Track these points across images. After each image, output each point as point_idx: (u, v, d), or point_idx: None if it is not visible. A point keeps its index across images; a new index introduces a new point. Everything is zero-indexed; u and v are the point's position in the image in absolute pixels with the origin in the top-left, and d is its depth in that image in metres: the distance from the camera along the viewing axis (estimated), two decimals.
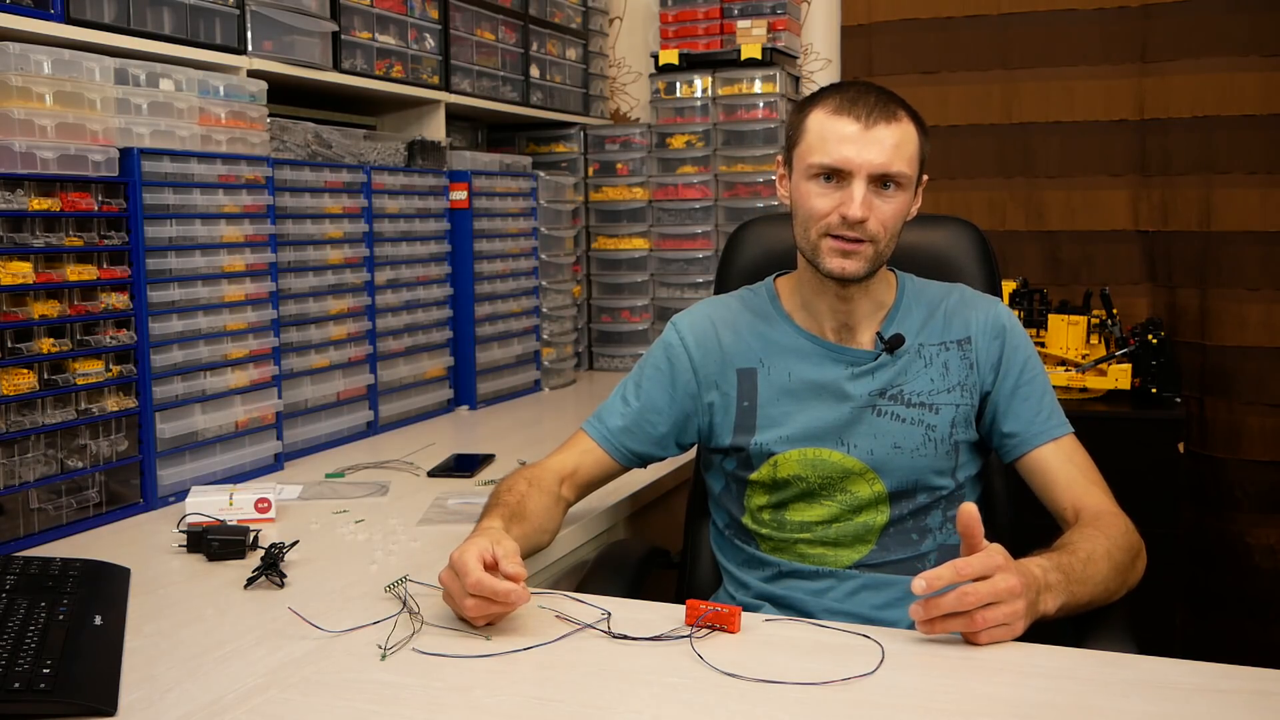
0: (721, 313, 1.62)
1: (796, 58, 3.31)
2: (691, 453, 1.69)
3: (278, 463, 2.08)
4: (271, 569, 1.42)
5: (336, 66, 2.32)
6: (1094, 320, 2.79)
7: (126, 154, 1.76)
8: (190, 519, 1.61)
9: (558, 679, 1.13)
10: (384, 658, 1.18)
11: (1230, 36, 2.85)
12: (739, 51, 3.12)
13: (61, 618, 1.20)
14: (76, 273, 1.68)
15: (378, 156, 2.47)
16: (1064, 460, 1.48)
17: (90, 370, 1.70)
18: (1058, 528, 1.42)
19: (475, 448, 2.24)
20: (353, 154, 2.39)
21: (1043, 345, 2.78)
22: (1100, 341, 2.79)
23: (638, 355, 2.79)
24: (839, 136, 1.43)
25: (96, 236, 1.72)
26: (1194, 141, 2.91)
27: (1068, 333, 2.78)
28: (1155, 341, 2.70)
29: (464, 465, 2.06)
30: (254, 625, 1.28)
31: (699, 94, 3.20)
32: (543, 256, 2.96)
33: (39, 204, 1.62)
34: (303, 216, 2.20)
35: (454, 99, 2.70)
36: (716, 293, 1.75)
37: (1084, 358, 2.77)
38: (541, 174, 2.97)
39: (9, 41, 1.61)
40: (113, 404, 1.74)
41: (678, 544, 1.83)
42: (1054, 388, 1.56)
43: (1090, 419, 2.13)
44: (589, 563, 1.69)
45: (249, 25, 2.06)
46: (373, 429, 2.40)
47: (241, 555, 1.51)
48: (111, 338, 1.74)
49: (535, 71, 3.07)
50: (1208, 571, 2.96)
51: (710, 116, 3.19)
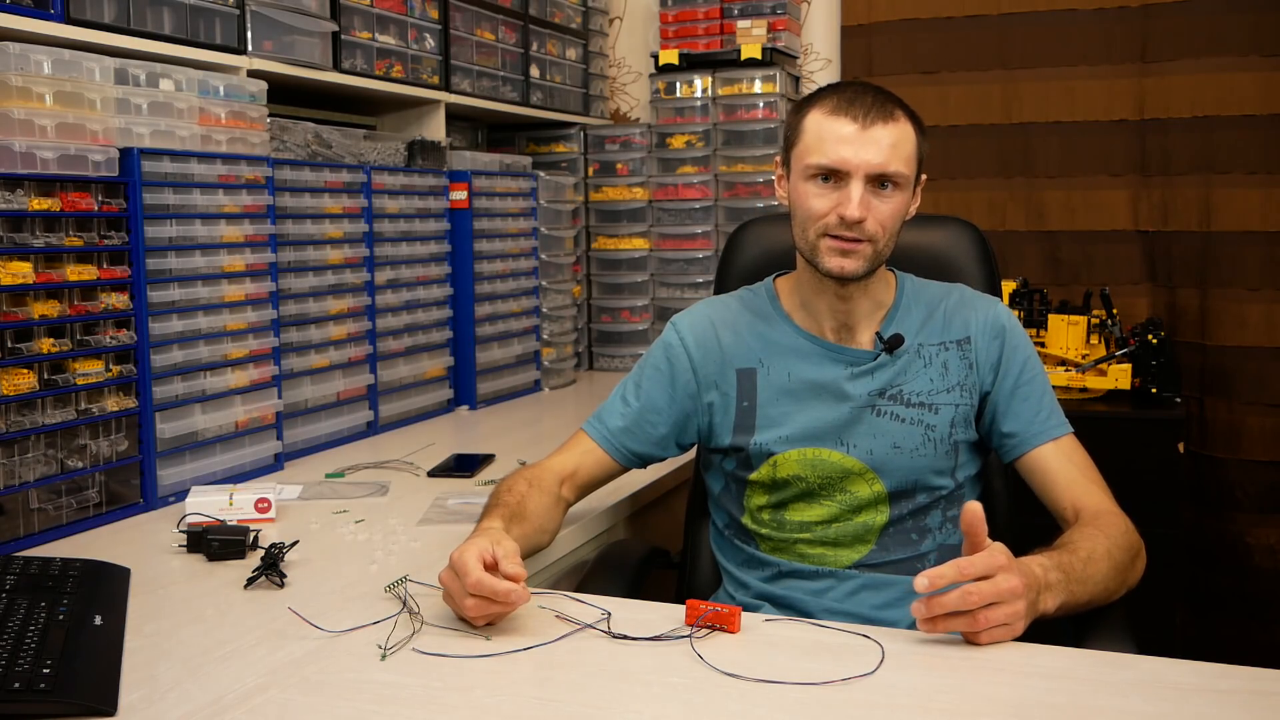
0: (721, 313, 1.62)
1: (796, 58, 3.31)
2: (691, 453, 1.69)
3: (278, 463, 2.08)
4: (271, 569, 1.42)
5: (336, 66, 2.32)
6: (1094, 320, 2.79)
7: (126, 154, 1.76)
8: (190, 519, 1.61)
9: (558, 679, 1.13)
10: (384, 658, 1.18)
11: (1230, 36, 2.85)
12: (739, 51, 3.12)
13: (61, 618, 1.20)
14: (76, 273, 1.68)
15: (378, 156, 2.47)
16: (1064, 460, 1.48)
17: (90, 370, 1.70)
18: (1057, 527, 1.42)
19: (475, 448, 2.24)
20: (353, 154, 2.39)
21: (1043, 345, 2.78)
22: (1100, 341, 2.79)
23: (638, 355, 2.79)
24: (836, 137, 1.43)
25: (96, 236, 1.72)
26: (1194, 141, 2.91)
27: (1068, 333, 2.78)
28: (1155, 341, 2.70)
29: (464, 465, 2.06)
30: (254, 625, 1.28)
31: (699, 94, 3.20)
32: (543, 256, 2.96)
33: (39, 204, 1.62)
34: (303, 216, 2.20)
35: (454, 99, 2.70)
36: (716, 293, 1.75)
37: (1084, 358, 2.77)
38: (541, 174, 2.97)
39: (9, 41, 1.61)
40: (113, 404, 1.74)
41: (678, 544, 1.83)
42: (1054, 388, 1.56)
43: (1090, 419, 2.13)
44: (589, 563, 1.69)
45: (249, 25, 2.06)
46: (373, 429, 2.40)
47: (241, 555, 1.52)
48: (111, 338, 1.74)
49: (535, 71, 3.07)
50: (1208, 571, 2.96)
51: (710, 116, 3.19)
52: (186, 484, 1.82)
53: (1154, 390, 2.69)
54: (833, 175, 1.44)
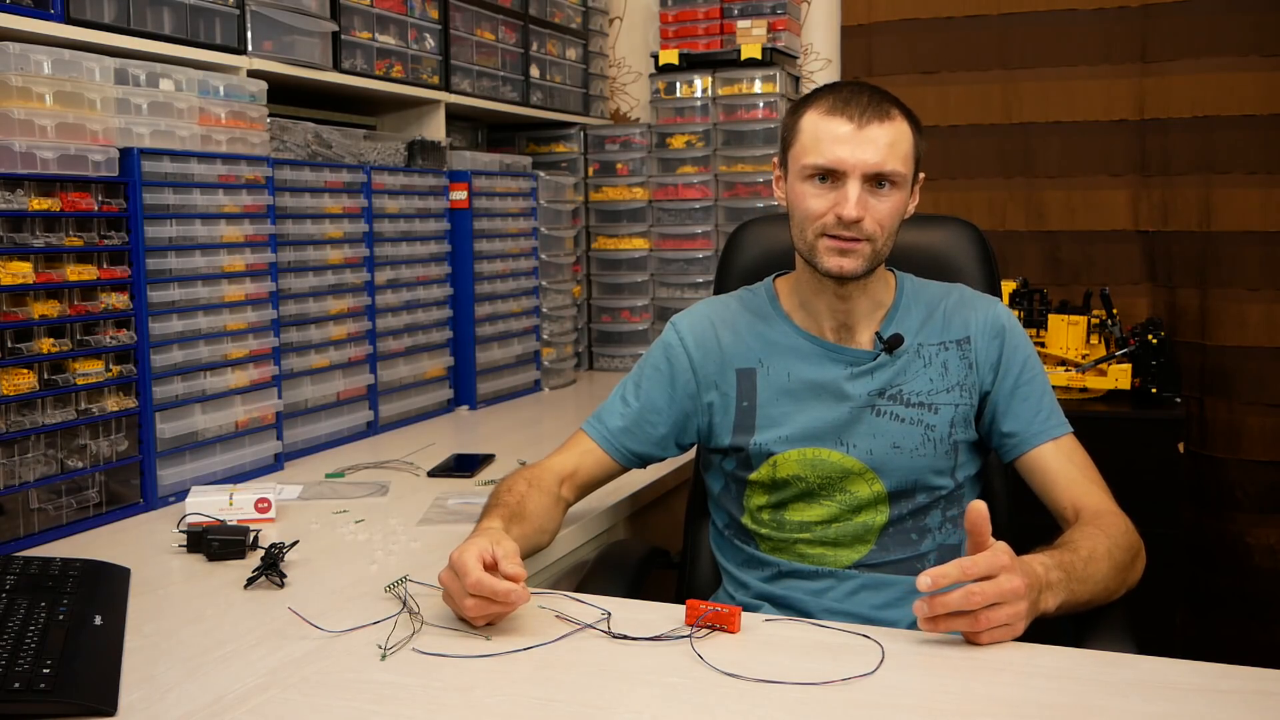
0: (721, 313, 1.62)
1: (796, 58, 3.31)
2: (691, 453, 1.69)
3: (278, 463, 2.08)
4: (271, 569, 1.42)
5: (336, 66, 2.32)
6: (1094, 320, 2.79)
7: (126, 154, 1.76)
8: (190, 519, 1.61)
9: (558, 679, 1.13)
10: (384, 658, 1.18)
11: (1230, 36, 2.85)
12: (739, 51, 3.12)
13: (61, 618, 1.20)
14: (76, 273, 1.68)
15: (378, 156, 2.47)
16: (1064, 460, 1.48)
17: (90, 370, 1.70)
18: (1057, 527, 1.42)
19: (475, 448, 2.24)
20: (353, 154, 2.39)
21: (1043, 345, 2.78)
22: (1100, 341, 2.79)
23: (638, 355, 2.79)
24: (832, 137, 1.43)
25: (96, 236, 1.72)
26: (1194, 141, 2.91)
27: (1068, 333, 2.78)
28: (1155, 341, 2.70)
29: (464, 465, 2.06)
30: (254, 625, 1.28)
31: (699, 94, 3.20)
32: (543, 256, 2.96)
33: (39, 204, 1.62)
34: (303, 216, 2.20)
35: (454, 99, 2.70)
36: (716, 293, 1.76)
37: (1084, 358, 2.77)
38: (541, 174, 2.97)
39: (9, 41, 1.61)
40: (113, 404, 1.74)
41: (678, 544, 1.83)
42: (1054, 388, 1.56)
43: (1090, 419, 2.13)
44: (589, 563, 1.69)
45: (249, 25, 2.06)
46: (373, 429, 2.40)
47: (241, 555, 1.51)
48: (111, 338, 1.74)
49: (535, 71, 3.07)
50: (1208, 571, 2.96)
51: (710, 116, 3.19)
52: (186, 484, 1.82)
53: (1154, 390, 2.70)
54: (829, 175, 1.44)
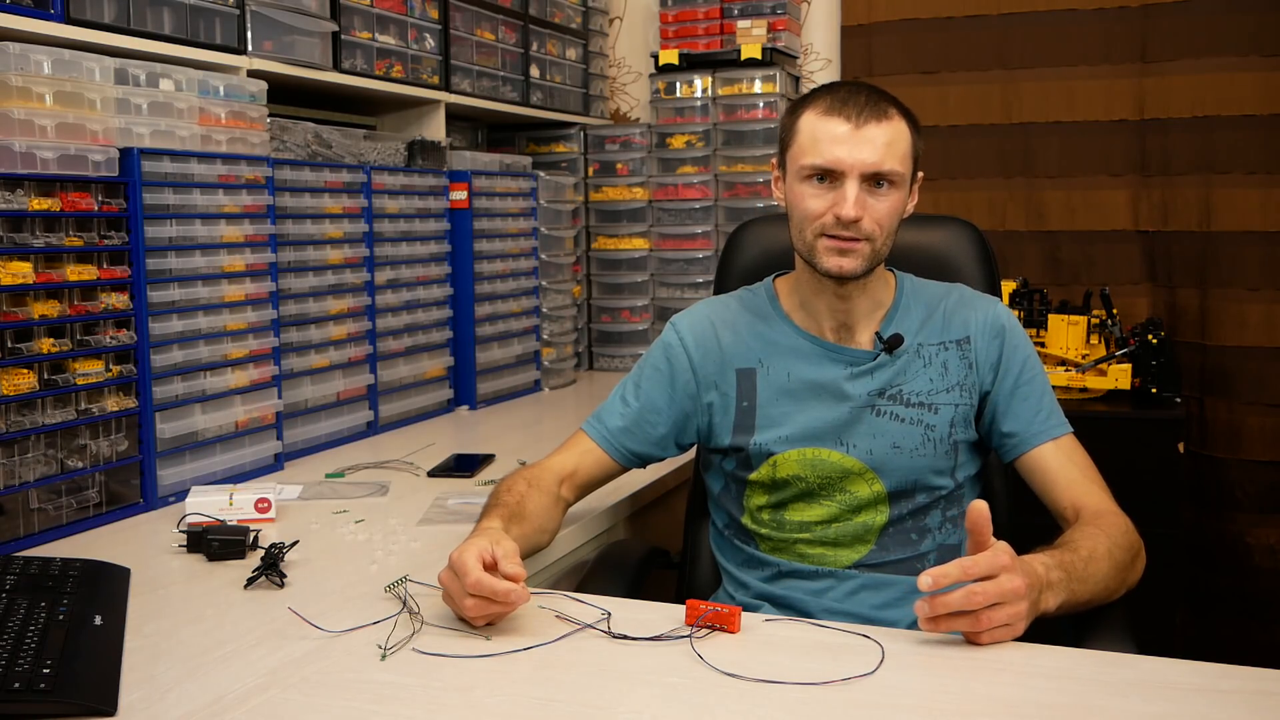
0: (721, 313, 1.62)
1: (796, 58, 3.31)
2: (691, 453, 1.69)
3: (278, 463, 2.08)
4: (271, 569, 1.42)
5: (336, 66, 2.32)
6: (1094, 320, 2.79)
7: (126, 154, 1.76)
8: (190, 519, 1.61)
9: (558, 679, 1.13)
10: (384, 658, 1.18)
11: (1230, 36, 2.85)
12: (739, 51, 3.12)
13: (61, 618, 1.20)
14: (76, 273, 1.68)
15: (378, 156, 2.47)
16: (1064, 460, 1.48)
17: (90, 370, 1.70)
18: (1057, 527, 1.42)
19: (475, 448, 2.24)
20: (353, 154, 2.39)
21: (1043, 345, 2.78)
22: (1100, 341, 2.79)
23: (638, 355, 2.79)
24: (830, 137, 1.43)
25: (96, 236, 1.72)
26: (1194, 141, 2.91)
27: (1068, 333, 2.78)
28: (1155, 341, 2.70)
29: (464, 465, 2.06)
30: (254, 625, 1.28)
31: (699, 94, 3.20)
32: (543, 256, 2.96)
33: (39, 204, 1.62)
34: (303, 216, 2.20)
35: (454, 99, 2.70)
36: (716, 293, 1.76)
37: (1084, 358, 2.77)
38: (541, 174, 2.97)
39: (9, 41, 1.61)
40: (113, 404, 1.74)
41: (678, 544, 1.83)
42: (1054, 388, 1.56)
43: (1090, 419, 2.13)
44: (589, 563, 1.69)
45: (249, 25, 2.06)
46: (373, 429, 2.40)
47: (241, 555, 1.51)
48: (111, 338, 1.74)
49: (535, 71, 3.07)
50: (1208, 571, 2.96)
51: (710, 116, 3.19)
52: (186, 484, 1.82)
53: (1154, 390, 2.69)
54: (828, 175, 1.44)
